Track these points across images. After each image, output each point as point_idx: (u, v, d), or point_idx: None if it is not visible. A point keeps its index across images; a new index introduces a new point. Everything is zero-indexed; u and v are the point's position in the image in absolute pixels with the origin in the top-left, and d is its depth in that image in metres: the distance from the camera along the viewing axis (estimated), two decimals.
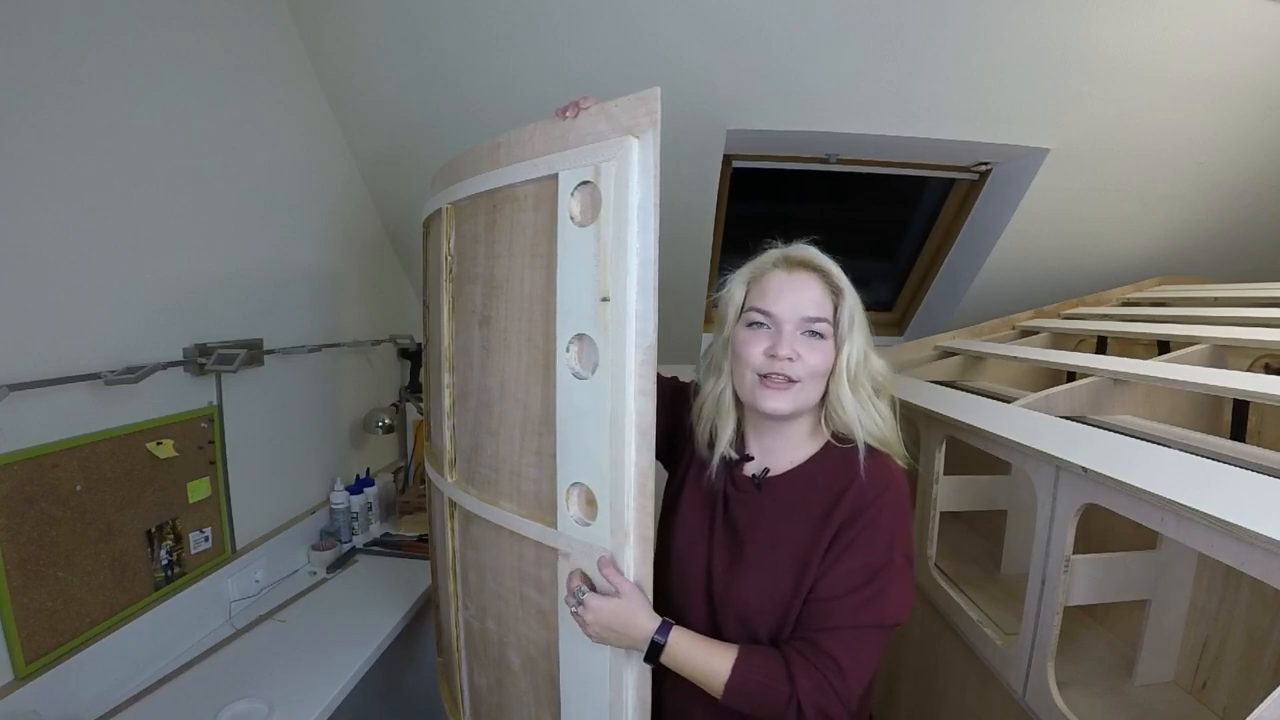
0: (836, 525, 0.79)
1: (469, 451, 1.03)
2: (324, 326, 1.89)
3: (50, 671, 1.09)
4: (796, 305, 0.81)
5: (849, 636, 0.76)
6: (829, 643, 0.75)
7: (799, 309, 0.81)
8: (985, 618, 1.29)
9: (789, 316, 0.81)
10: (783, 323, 0.81)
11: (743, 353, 0.83)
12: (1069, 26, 1.49)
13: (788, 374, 0.80)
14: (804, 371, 0.81)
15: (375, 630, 1.46)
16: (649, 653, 0.78)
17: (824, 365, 0.82)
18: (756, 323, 0.83)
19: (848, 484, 0.81)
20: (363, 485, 1.98)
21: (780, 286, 0.83)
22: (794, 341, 0.81)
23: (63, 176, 1.11)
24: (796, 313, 0.81)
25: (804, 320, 0.81)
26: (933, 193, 2.27)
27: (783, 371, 0.80)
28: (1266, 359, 1.34)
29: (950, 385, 1.63)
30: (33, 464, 1.06)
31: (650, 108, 0.72)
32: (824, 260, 0.84)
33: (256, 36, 1.54)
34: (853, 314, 0.83)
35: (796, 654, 0.76)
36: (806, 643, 0.77)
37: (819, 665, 0.74)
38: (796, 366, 0.80)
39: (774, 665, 0.76)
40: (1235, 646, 1.08)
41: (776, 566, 0.81)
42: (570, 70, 1.62)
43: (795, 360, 0.80)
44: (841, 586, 0.77)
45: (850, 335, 0.82)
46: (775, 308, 0.82)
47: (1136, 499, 0.88)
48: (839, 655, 0.75)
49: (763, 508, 0.86)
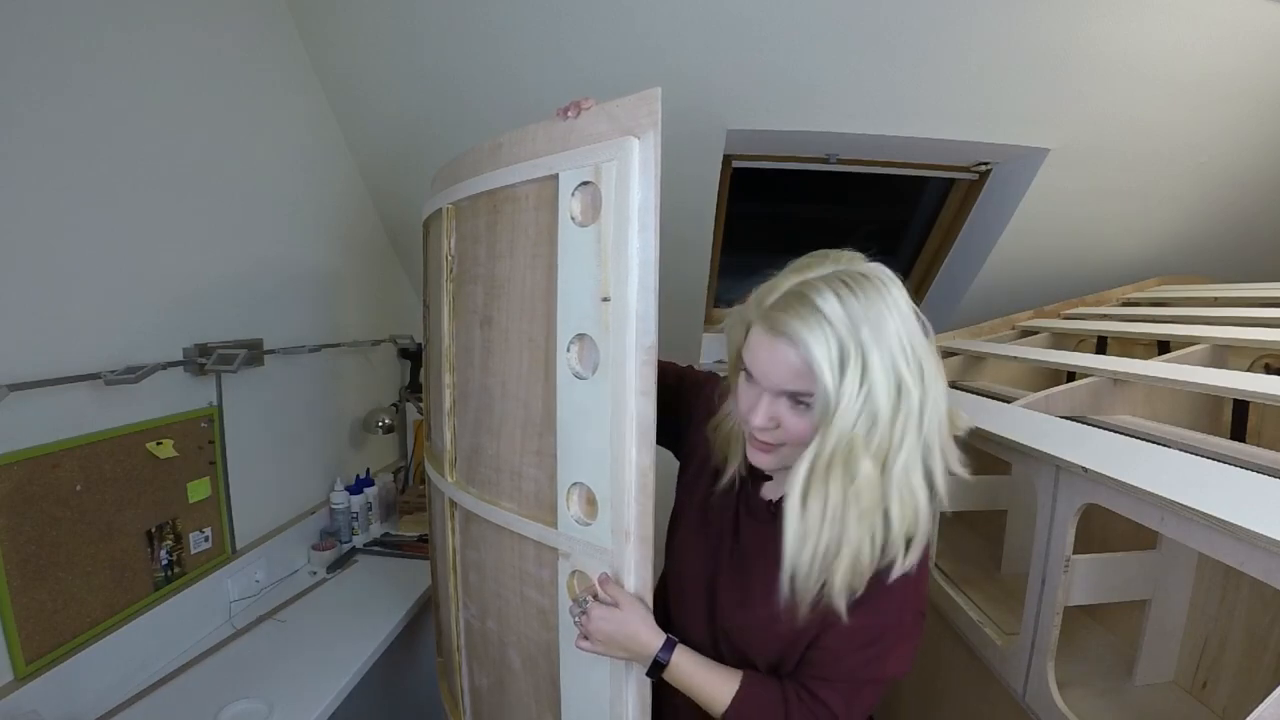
0: None
1: (469, 451, 1.03)
2: (324, 326, 1.89)
3: (50, 671, 1.09)
4: (773, 374, 0.71)
5: (847, 690, 0.77)
6: (827, 692, 0.76)
7: (777, 379, 0.71)
8: (985, 618, 1.29)
9: (770, 384, 0.72)
10: (763, 388, 0.73)
11: (739, 398, 0.77)
12: (1069, 27, 1.49)
13: (764, 440, 0.75)
14: (783, 437, 0.74)
15: (375, 630, 1.46)
16: (651, 668, 0.78)
17: (805, 433, 0.71)
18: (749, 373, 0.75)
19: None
20: (363, 485, 1.98)
21: (759, 347, 0.72)
22: (775, 406, 0.73)
23: (63, 176, 1.11)
24: (776, 383, 0.71)
25: (782, 392, 0.72)
26: (933, 193, 2.26)
27: (759, 437, 0.75)
28: (1266, 359, 1.34)
29: (950, 385, 1.63)
30: (33, 464, 1.06)
31: (651, 108, 0.72)
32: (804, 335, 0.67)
33: (256, 36, 1.54)
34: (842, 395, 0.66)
35: (795, 696, 0.77)
36: (805, 689, 0.77)
37: (816, 712, 0.76)
38: (773, 434, 0.74)
39: (772, 702, 0.77)
40: (1235, 646, 1.08)
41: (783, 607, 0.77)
42: (571, 70, 1.62)
43: (770, 428, 0.73)
44: (849, 643, 0.76)
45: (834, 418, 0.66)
46: (755, 370, 0.73)
47: (1136, 499, 0.88)
48: (835, 705, 0.76)
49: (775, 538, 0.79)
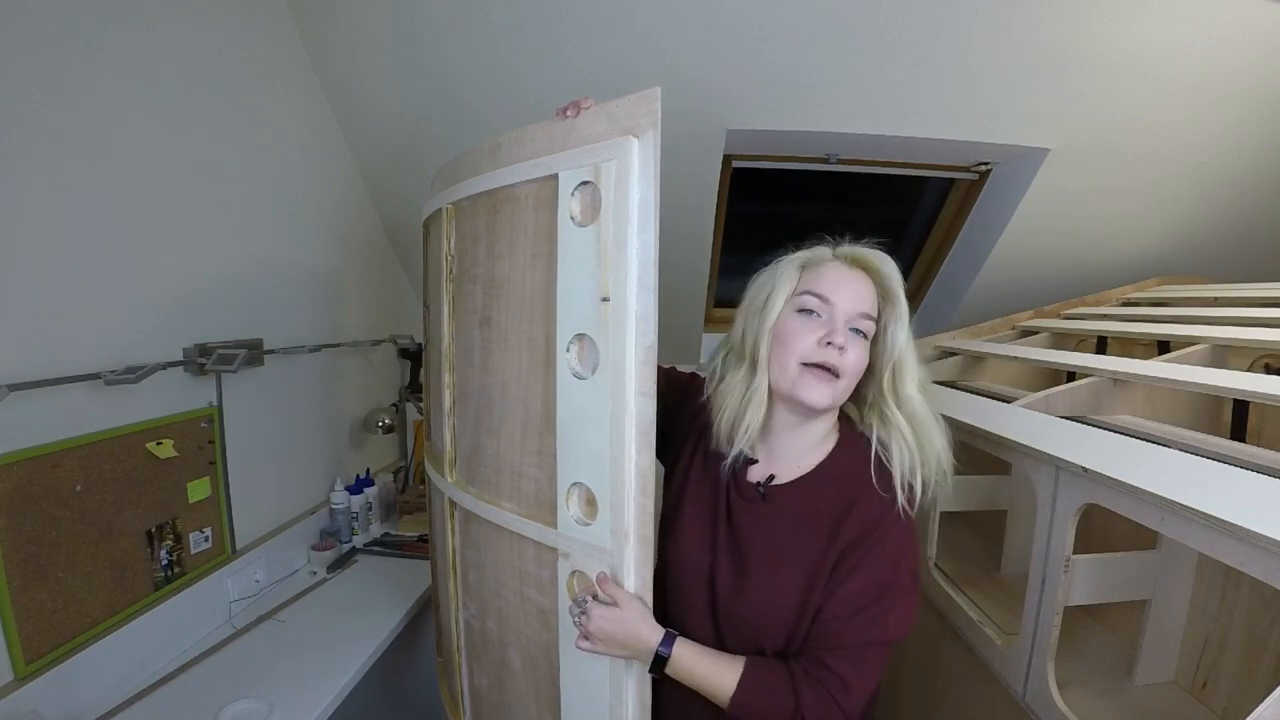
0: (844, 544, 0.78)
1: (469, 451, 1.03)
2: (324, 326, 1.89)
3: (50, 671, 1.09)
4: (856, 298, 0.80)
5: (854, 654, 0.77)
6: (835, 660, 0.76)
7: (858, 303, 0.80)
8: (985, 618, 1.29)
9: (846, 309, 0.79)
10: (838, 314, 0.79)
11: (791, 341, 0.80)
12: (1069, 27, 1.49)
13: (837, 367, 0.78)
14: (848, 366, 0.79)
15: (375, 630, 1.46)
16: (653, 664, 0.78)
17: (863, 365, 0.81)
18: (807, 309, 0.81)
19: (855, 498, 0.80)
20: (363, 485, 1.98)
21: (839, 279, 0.81)
22: (845, 334, 0.79)
23: (63, 176, 1.11)
24: (855, 306, 0.80)
25: (859, 315, 0.80)
26: (933, 193, 2.26)
27: (833, 363, 0.78)
28: (1266, 359, 1.34)
29: (950, 385, 1.63)
30: (33, 464, 1.06)
31: (650, 108, 0.72)
32: (882, 264, 0.83)
33: (256, 36, 1.54)
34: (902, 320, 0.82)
35: (802, 670, 0.76)
36: (813, 660, 0.77)
37: (825, 682, 0.75)
38: (846, 359, 0.78)
39: (779, 680, 0.76)
40: (1235, 646, 1.08)
41: (782, 584, 0.80)
42: (571, 70, 1.62)
43: (844, 352, 0.78)
44: (850, 607, 0.77)
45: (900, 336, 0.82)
46: (835, 296, 0.80)
47: (1136, 499, 0.88)
48: (844, 671, 0.75)
49: (767, 518, 0.84)
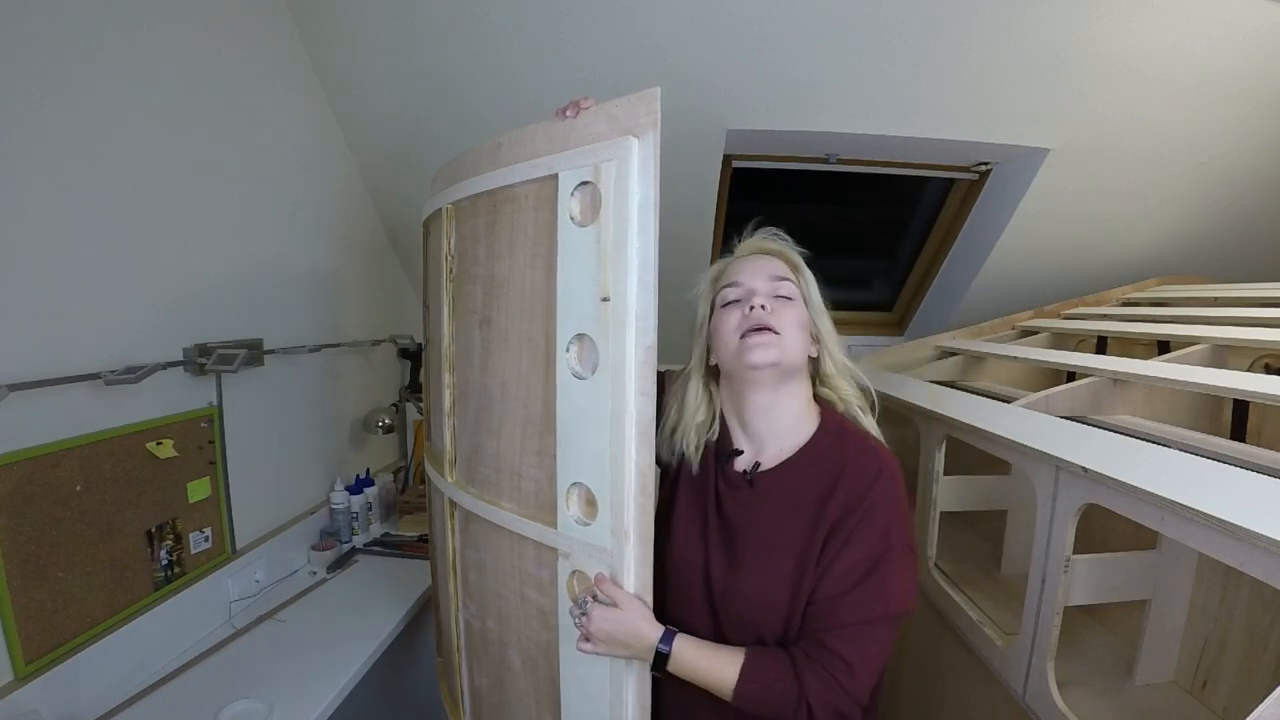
0: (832, 521, 0.79)
1: (469, 451, 1.03)
2: (324, 326, 1.89)
3: (50, 671, 1.09)
4: (765, 270, 0.89)
5: (855, 632, 0.76)
6: (835, 641, 0.75)
7: (767, 271, 0.89)
8: (985, 618, 1.29)
9: (757, 282, 0.87)
10: (754, 288, 0.87)
11: (723, 327, 0.87)
12: (1069, 27, 1.49)
13: (766, 324, 0.83)
14: (781, 322, 0.84)
15: (375, 630, 1.46)
16: (655, 662, 0.78)
17: (799, 319, 0.87)
18: (731, 301, 0.88)
19: (839, 474, 0.81)
20: (363, 485, 1.98)
21: (744, 264, 0.91)
22: (767, 300, 0.86)
23: (63, 176, 1.11)
24: (764, 275, 0.88)
25: (772, 280, 0.88)
26: (933, 193, 2.27)
27: (761, 321, 0.83)
28: (1266, 359, 1.34)
29: (950, 385, 1.63)
30: (33, 464, 1.06)
31: (650, 108, 0.72)
32: (775, 242, 0.93)
33: (256, 36, 1.54)
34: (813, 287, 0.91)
35: (803, 655, 0.76)
36: (813, 643, 0.76)
37: (826, 664, 0.74)
38: (773, 317, 0.84)
39: (781, 668, 0.76)
40: (1235, 646, 1.08)
41: (775, 569, 0.80)
42: (571, 70, 1.62)
43: (770, 312, 0.85)
44: (843, 584, 0.77)
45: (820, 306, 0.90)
46: (743, 277, 0.89)
47: (1136, 499, 0.88)
48: (846, 652, 0.74)
49: (755, 505, 0.85)
